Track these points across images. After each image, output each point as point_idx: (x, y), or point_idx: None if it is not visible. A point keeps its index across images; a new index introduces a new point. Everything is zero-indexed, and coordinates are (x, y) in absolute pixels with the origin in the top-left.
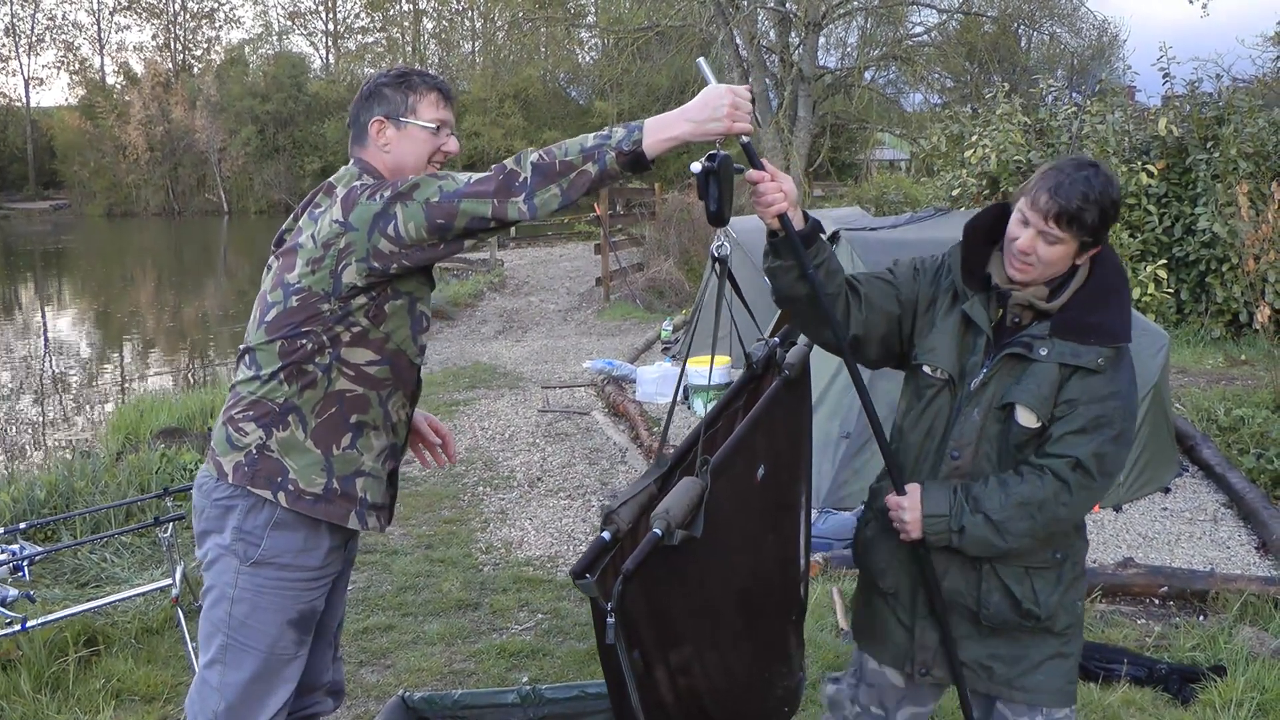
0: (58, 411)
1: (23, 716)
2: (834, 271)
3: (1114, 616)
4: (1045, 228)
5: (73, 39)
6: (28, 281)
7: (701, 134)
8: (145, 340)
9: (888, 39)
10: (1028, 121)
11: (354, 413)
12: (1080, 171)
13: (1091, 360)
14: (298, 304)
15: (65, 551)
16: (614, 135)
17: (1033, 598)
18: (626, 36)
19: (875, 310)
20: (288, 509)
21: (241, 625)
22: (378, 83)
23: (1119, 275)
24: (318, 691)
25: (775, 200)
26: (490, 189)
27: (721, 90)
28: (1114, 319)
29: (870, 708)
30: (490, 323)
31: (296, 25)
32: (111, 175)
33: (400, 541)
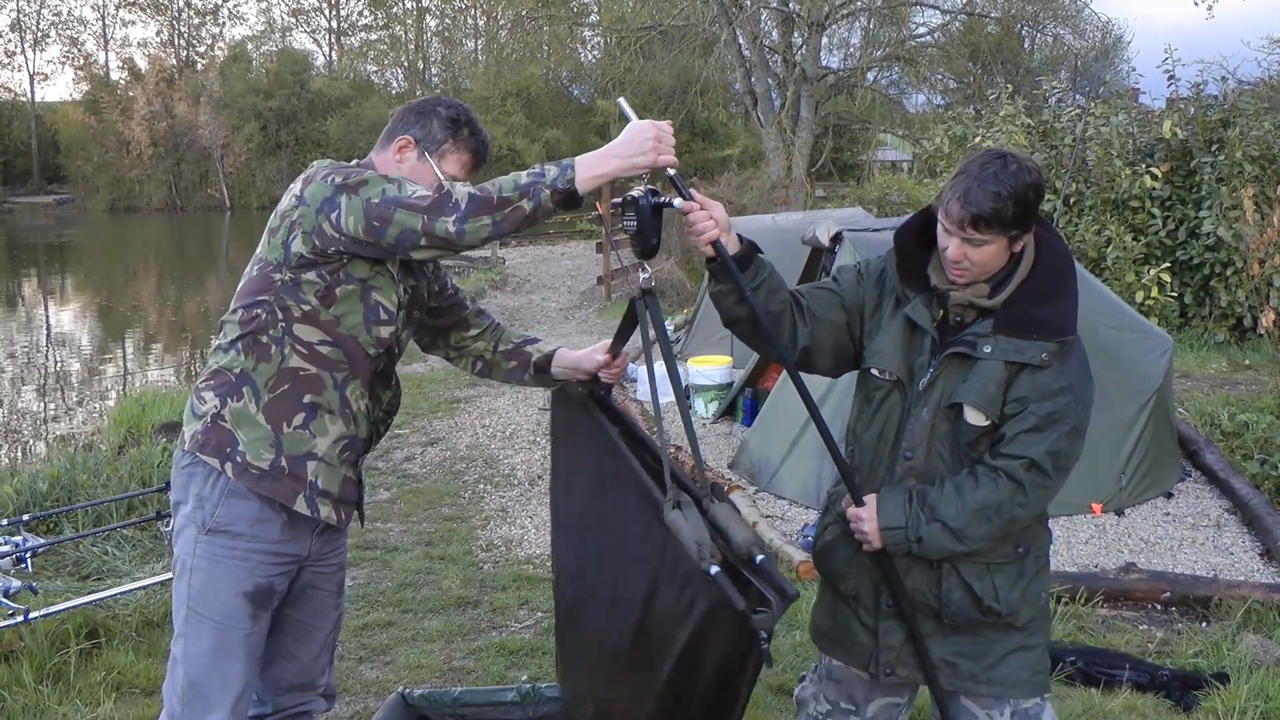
0: (59, 405)
1: (24, 707)
2: (775, 289)
3: (1116, 622)
4: (964, 234)
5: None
6: (31, 275)
7: (629, 169)
8: (147, 335)
9: (891, 39)
10: (1031, 123)
11: (307, 392)
12: (987, 169)
13: (1035, 356)
14: (256, 273)
15: (67, 544)
16: (548, 173)
17: (994, 594)
18: (629, 35)
19: (821, 322)
20: (234, 480)
21: (199, 595)
22: (434, 107)
23: (1064, 263)
24: (312, 691)
25: (707, 229)
26: (424, 205)
27: (645, 125)
28: (1057, 313)
29: (839, 703)
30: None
31: (300, 22)
32: (115, 170)
33: (400, 538)
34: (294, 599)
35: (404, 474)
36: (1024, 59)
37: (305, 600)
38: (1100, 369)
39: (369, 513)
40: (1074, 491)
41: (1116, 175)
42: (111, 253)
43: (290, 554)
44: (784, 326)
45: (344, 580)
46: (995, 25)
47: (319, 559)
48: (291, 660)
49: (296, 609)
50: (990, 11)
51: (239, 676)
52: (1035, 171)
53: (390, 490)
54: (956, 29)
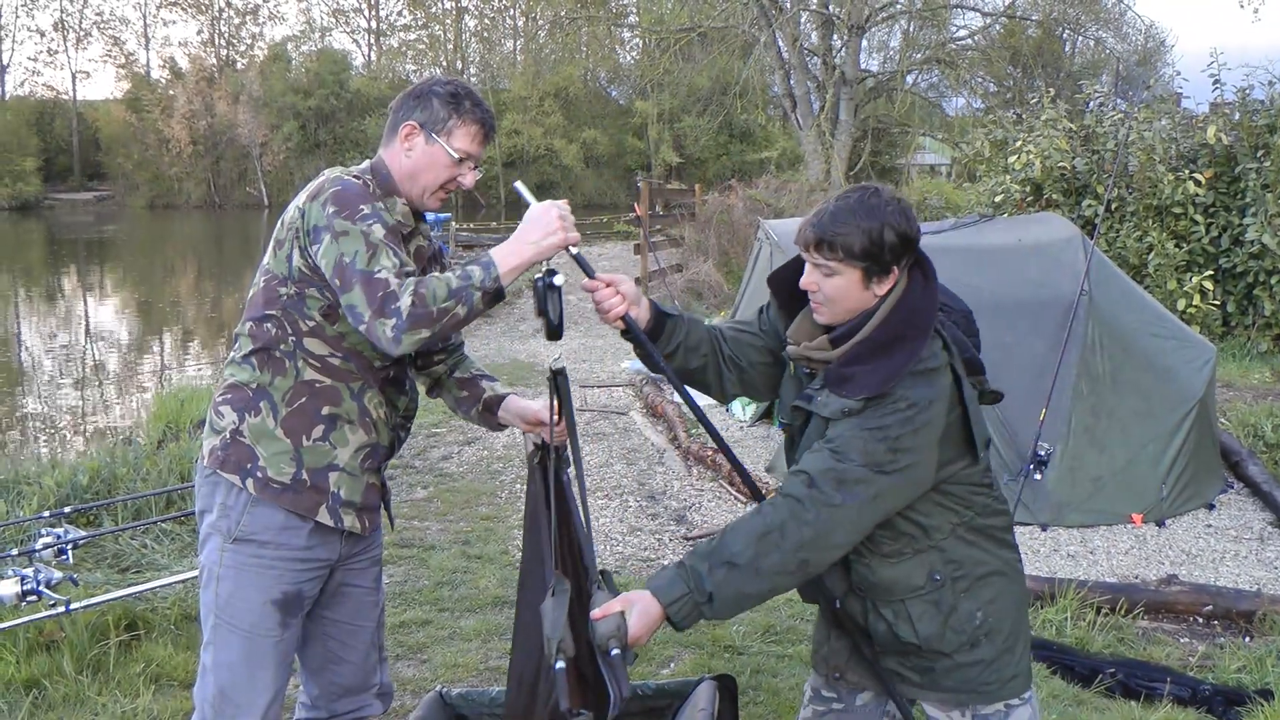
0: (97, 399)
1: (65, 697)
2: (693, 347)
3: (1156, 634)
4: (811, 258)
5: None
6: (70, 271)
7: (544, 253)
8: (185, 330)
9: (931, 42)
10: (1073, 128)
11: (325, 404)
12: (847, 198)
13: (837, 410)
14: (263, 285)
15: (107, 536)
16: (474, 275)
17: (910, 629)
18: (669, 37)
19: (748, 367)
20: (254, 496)
21: (226, 604)
22: (431, 88)
23: (910, 326)
24: (365, 693)
25: (613, 306)
26: (375, 300)
27: (546, 207)
28: (876, 372)
29: (820, 690)
30: (528, 321)
31: (339, 22)
32: (154, 168)
33: (437, 537)
34: (330, 601)
35: (441, 473)
36: (1064, 62)
37: (343, 600)
38: (1141, 378)
39: (406, 510)
40: (1114, 501)
41: (1159, 181)
42: (150, 249)
43: (319, 559)
44: (709, 378)
45: (380, 575)
46: (1036, 28)
47: (350, 558)
48: (342, 664)
49: (335, 610)
50: (1031, 14)
51: (269, 684)
52: (900, 213)
53: (427, 489)
54: (997, 32)
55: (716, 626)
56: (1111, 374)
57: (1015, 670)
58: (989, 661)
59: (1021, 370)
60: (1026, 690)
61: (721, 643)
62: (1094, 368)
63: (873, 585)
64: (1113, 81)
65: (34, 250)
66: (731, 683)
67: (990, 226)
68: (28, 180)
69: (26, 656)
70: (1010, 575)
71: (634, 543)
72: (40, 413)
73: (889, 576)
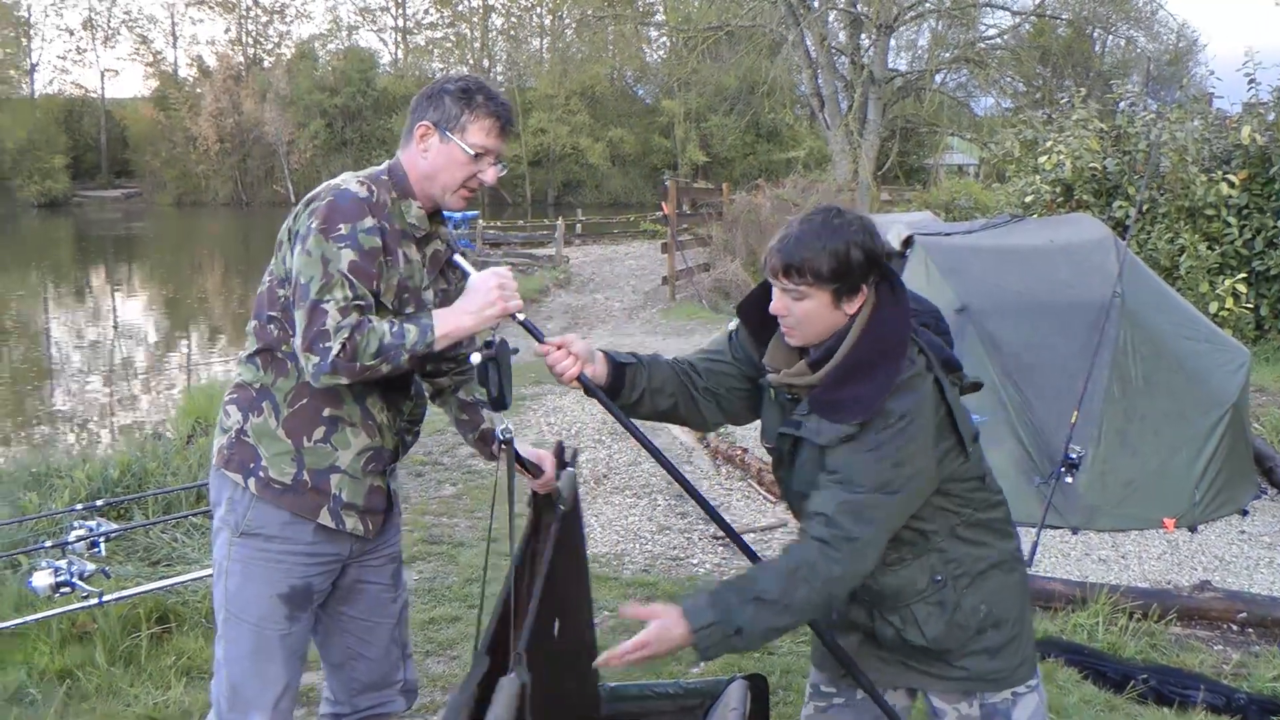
0: (126, 394)
1: (98, 687)
2: (658, 389)
3: (1189, 641)
4: (780, 284)
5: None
6: (99, 267)
7: (483, 322)
8: (212, 326)
9: (959, 41)
10: (1104, 128)
11: (327, 406)
12: (810, 221)
13: (832, 437)
14: (266, 288)
15: (138, 530)
16: (408, 336)
17: (917, 631)
18: (696, 35)
19: (725, 394)
20: (256, 495)
21: (235, 598)
22: (443, 87)
23: (887, 339)
24: (388, 689)
25: (567, 369)
26: (310, 331)
27: (485, 276)
28: (863, 393)
29: (820, 686)
30: (556, 319)
31: (366, 21)
32: (182, 165)
33: (466, 534)
34: (346, 597)
35: (470, 469)
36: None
37: (358, 597)
38: (1173, 381)
39: (434, 507)
40: (1146, 505)
41: (1191, 182)
42: (178, 246)
43: (327, 554)
44: (684, 414)
45: (399, 572)
46: (1066, 27)
47: (363, 555)
48: (361, 660)
49: (351, 607)
50: (1061, 13)
51: (278, 677)
52: (864, 231)
53: (456, 485)
54: (1026, 31)
55: None
56: (1144, 377)
57: (1021, 657)
58: (996, 650)
59: (1053, 372)
60: (1033, 676)
61: None
62: (1126, 371)
63: (876, 594)
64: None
65: (63, 247)
66: (762, 682)
67: (1021, 227)
68: (56, 178)
69: (60, 647)
70: (1010, 564)
71: (663, 541)
72: (70, 407)
73: (892, 584)
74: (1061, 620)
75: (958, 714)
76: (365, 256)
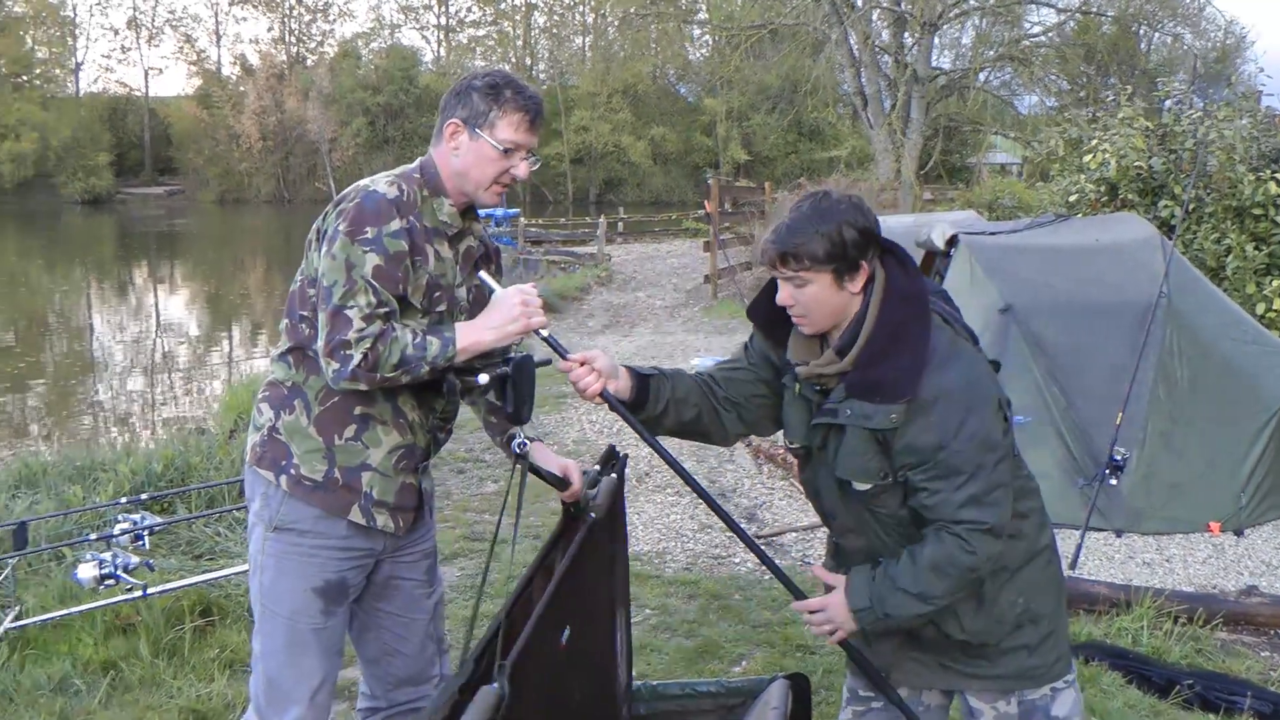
0: (168, 389)
1: (141, 679)
2: (681, 401)
3: (1236, 647)
4: (780, 274)
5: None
6: (142, 263)
7: (505, 338)
8: (254, 322)
9: (1003, 39)
10: (1149, 126)
11: (358, 404)
12: (799, 207)
13: (884, 420)
14: (298, 287)
15: (181, 523)
16: (430, 349)
17: (958, 626)
18: (739, 34)
19: (744, 403)
20: (288, 492)
21: (269, 592)
22: (470, 83)
23: (904, 313)
24: (424, 684)
25: (589, 385)
26: (332, 338)
27: (509, 293)
28: (893, 371)
29: (859, 691)
30: (597, 316)
31: (409, 19)
32: (225, 163)
33: (507, 531)
34: (380, 593)
35: None
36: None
37: (392, 593)
38: (1220, 383)
39: (476, 504)
40: (1191, 509)
41: (1239, 181)
42: (220, 243)
43: (360, 549)
44: (707, 425)
45: (434, 568)
46: (1111, 24)
47: (397, 550)
48: (398, 655)
49: (386, 603)
50: (1107, 10)
51: (314, 670)
52: (854, 210)
53: (498, 482)
54: (1071, 28)
55: (788, 624)
56: (1190, 379)
57: (1058, 653)
58: (1034, 646)
59: (1098, 373)
60: (1070, 671)
61: (793, 641)
62: (1172, 372)
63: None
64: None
65: (106, 244)
66: (804, 682)
67: (1067, 226)
68: (100, 175)
69: (104, 639)
70: (1047, 557)
71: (704, 540)
72: (113, 402)
73: None
74: (1106, 624)
75: (995, 713)
76: (390, 261)
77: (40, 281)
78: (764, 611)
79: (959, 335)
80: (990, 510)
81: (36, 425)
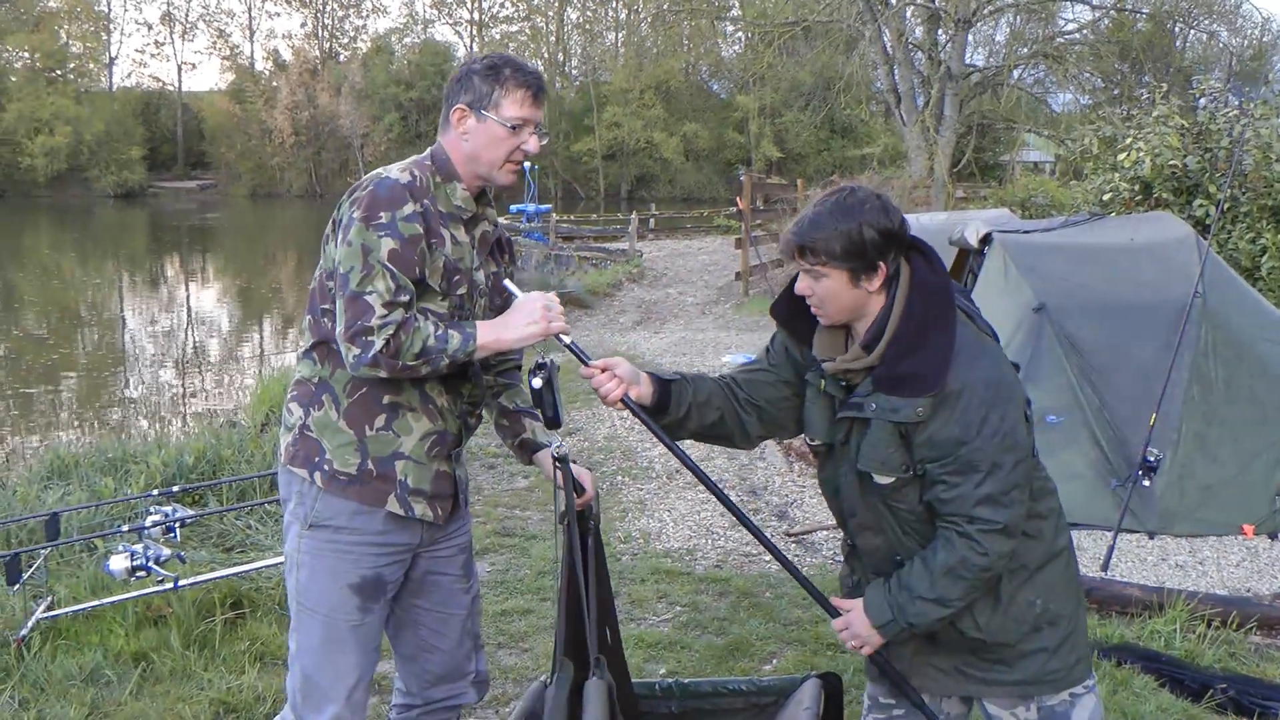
0: (199, 382)
1: (172, 670)
2: (702, 405)
3: (1271, 651)
4: (799, 264)
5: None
6: (173, 257)
7: (523, 339)
8: (285, 316)
9: (1037, 36)
10: (1184, 124)
11: (386, 393)
12: (824, 202)
13: (910, 414)
14: (317, 282)
15: (212, 516)
16: (451, 342)
17: (974, 626)
18: (772, 31)
19: (766, 405)
20: (322, 489)
21: (305, 589)
22: (469, 68)
23: (930, 307)
24: (461, 681)
25: (611, 391)
26: (351, 325)
27: (533, 297)
28: (920, 365)
29: (879, 697)
30: (628, 313)
31: (441, 14)
32: (257, 158)
33: (538, 526)
34: (417, 589)
35: None
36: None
37: (429, 589)
38: (1255, 384)
39: (507, 499)
40: (1225, 511)
41: (1275, 180)
42: (252, 237)
43: (398, 544)
44: (729, 428)
45: (469, 563)
46: (1146, 22)
47: (433, 545)
48: (434, 652)
49: (423, 599)
50: (1141, 7)
51: (351, 668)
52: (877, 210)
53: (528, 478)
54: (1105, 25)
55: (819, 622)
56: (1224, 380)
57: (1077, 655)
58: (1053, 649)
59: (1131, 373)
60: (1089, 676)
61: (824, 640)
62: (1206, 373)
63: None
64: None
65: (138, 237)
66: (836, 681)
67: (1101, 225)
68: (133, 169)
69: (135, 630)
70: (1065, 558)
71: (735, 537)
72: (144, 394)
73: None
74: (1138, 626)
75: (1015, 719)
76: (406, 245)
77: (73, 274)
78: (795, 609)
79: (983, 332)
80: (1005, 510)
81: (68, 416)
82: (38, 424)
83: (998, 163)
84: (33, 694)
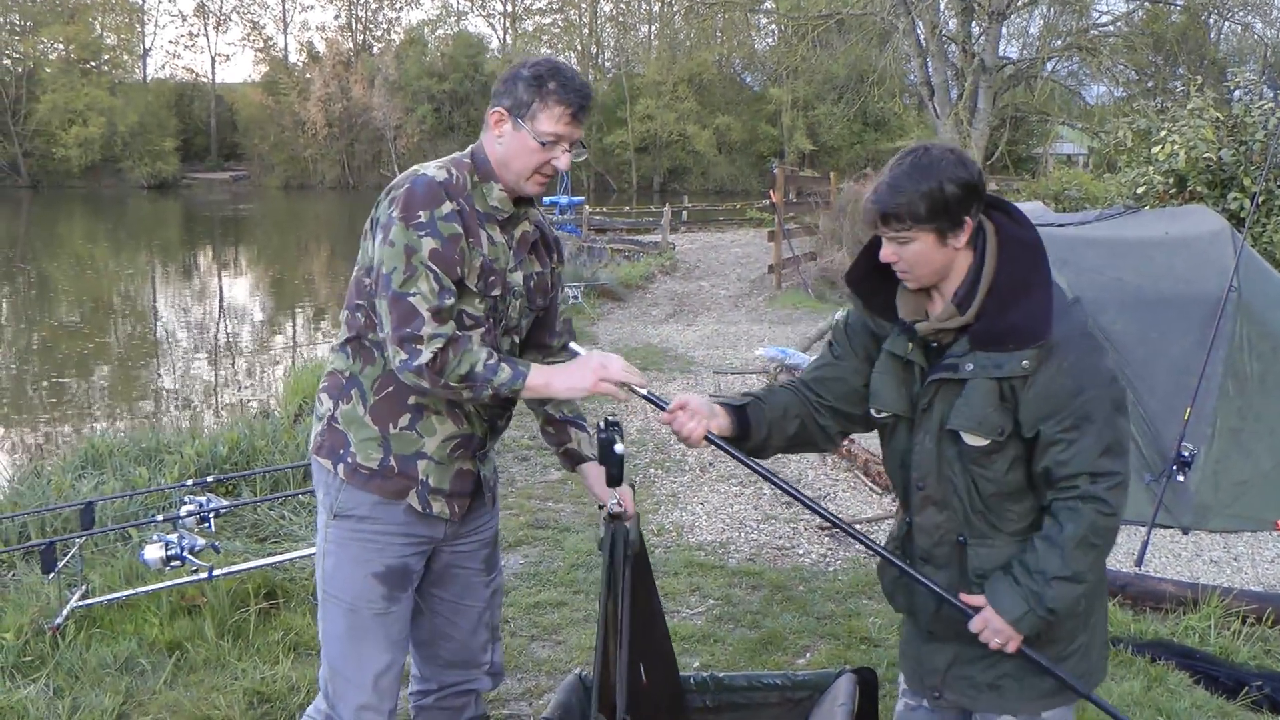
0: (232, 373)
1: (206, 660)
2: (780, 419)
3: None
4: (883, 232)
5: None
6: (206, 248)
7: (568, 392)
8: (317, 307)
9: (1071, 28)
10: (1219, 117)
11: (412, 394)
12: (899, 165)
13: (1016, 367)
14: (354, 277)
15: (246, 506)
16: (500, 375)
17: None
18: (806, 24)
19: (840, 405)
20: (345, 480)
21: (331, 578)
22: (517, 72)
23: (1028, 256)
24: (475, 669)
25: (692, 431)
26: (399, 330)
27: (591, 357)
28: (1026, 315)
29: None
30: (661, 305)
31: (475, 6)
32: (290, 149)
33: (571, 519)
34: (438, 579)
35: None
36: (1209, 50)
37: (450, 580)
38: None
39: (540, 492)
40: (1259, 507)
41: None
42: (284, 228)
43: (420, 535)
44: (812, 433)
45: (493, 556)
46: (1181, 13)
47: (456, 539)
48: (448, 640)
49: (443, 589)
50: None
51: (376, 656)
52: (956, 164)
53: (561, 471)
54: (1139, 17)
55: (853, 616)
56: (1260, 375)
57: (1099, 653)
58: (1083, 648)
59: (1166, 368)
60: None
61: (858, 634)
62: (1241, 368)
63: (992, 571)
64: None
65: (171, 228)
66: (871, 676)
67: (1136, 218)
68: (166, 160)
69: (169, 619)
70: None
71: (768, 530)
72: (177, 384)
73: (1009, 557)
74: (1172, 622)
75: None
76: (446, 244)
77: (106, 264)
78: (828, 603)
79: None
80: (1122, 460)
81: (102, 406)
82: (72, 413)
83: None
84: (67, 682)
